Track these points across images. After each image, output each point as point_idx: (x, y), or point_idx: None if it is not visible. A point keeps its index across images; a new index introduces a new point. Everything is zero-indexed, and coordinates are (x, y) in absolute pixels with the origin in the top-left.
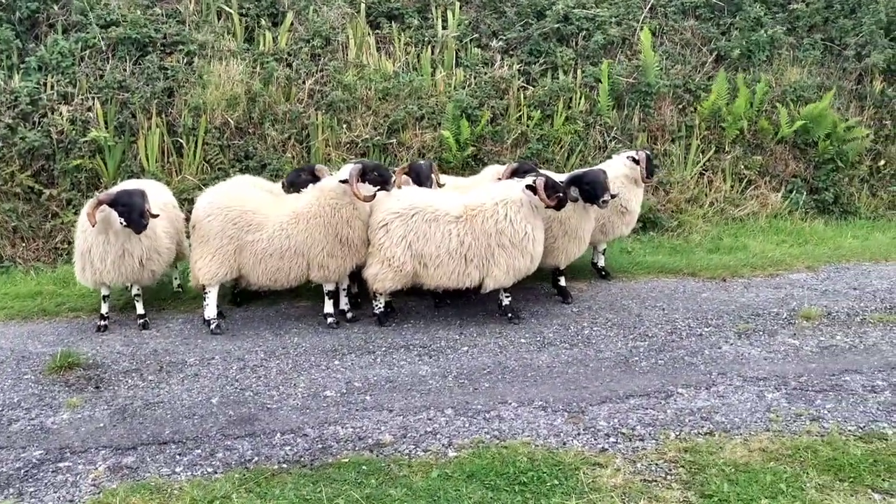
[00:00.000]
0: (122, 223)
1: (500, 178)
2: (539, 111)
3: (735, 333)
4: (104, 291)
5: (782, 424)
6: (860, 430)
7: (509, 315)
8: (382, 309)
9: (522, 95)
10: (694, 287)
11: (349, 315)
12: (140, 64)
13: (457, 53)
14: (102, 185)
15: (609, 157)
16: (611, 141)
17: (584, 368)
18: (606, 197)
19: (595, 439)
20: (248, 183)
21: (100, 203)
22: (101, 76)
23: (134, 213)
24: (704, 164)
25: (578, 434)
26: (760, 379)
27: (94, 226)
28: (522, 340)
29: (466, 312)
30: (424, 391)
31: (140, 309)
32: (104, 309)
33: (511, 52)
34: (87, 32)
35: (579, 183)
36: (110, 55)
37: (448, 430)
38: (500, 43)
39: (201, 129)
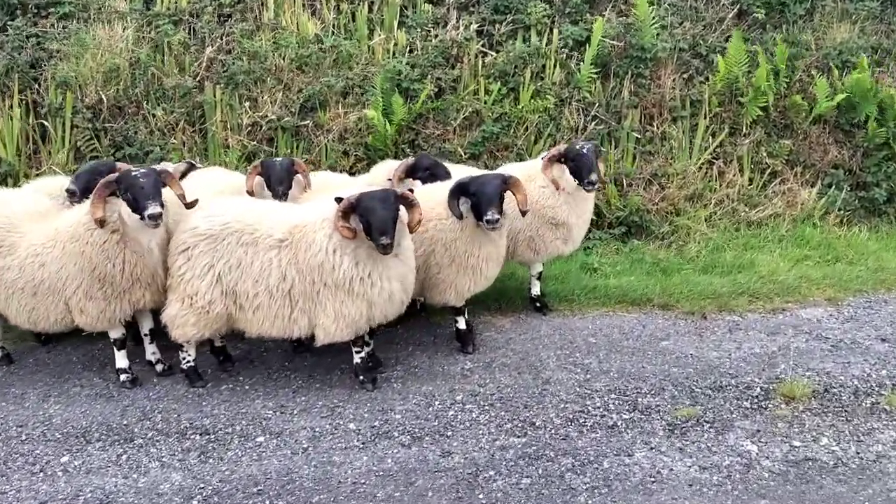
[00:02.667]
0: None
1: (389, 180)
2: (500, 83)
3: (666, 426)
4: None
5: None
6: None
7: (361, 378)
8: (192, 363)
9: (481, 63)
10: (657, 328)
11: (159, 368)
12: (7, 31)
13: (402, 11)
14: None
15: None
16: (590, 121)
17: (402, 490)
18: (492, 216)
19: None
20: (38, 189)
21: None
22: None
23: None
24: (714, 151)
25: None
26: None
27: None
28: (351, 426)
29: (323, 366)
30: None
31: None
32: None
33: (471, 9)
34: None
35: (466, 193)
36: None
37: None
38: None
39: (68, 107)
